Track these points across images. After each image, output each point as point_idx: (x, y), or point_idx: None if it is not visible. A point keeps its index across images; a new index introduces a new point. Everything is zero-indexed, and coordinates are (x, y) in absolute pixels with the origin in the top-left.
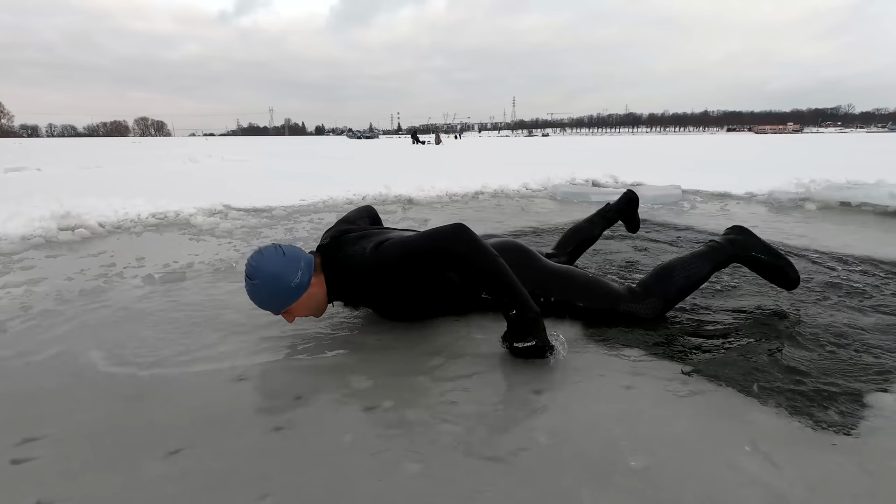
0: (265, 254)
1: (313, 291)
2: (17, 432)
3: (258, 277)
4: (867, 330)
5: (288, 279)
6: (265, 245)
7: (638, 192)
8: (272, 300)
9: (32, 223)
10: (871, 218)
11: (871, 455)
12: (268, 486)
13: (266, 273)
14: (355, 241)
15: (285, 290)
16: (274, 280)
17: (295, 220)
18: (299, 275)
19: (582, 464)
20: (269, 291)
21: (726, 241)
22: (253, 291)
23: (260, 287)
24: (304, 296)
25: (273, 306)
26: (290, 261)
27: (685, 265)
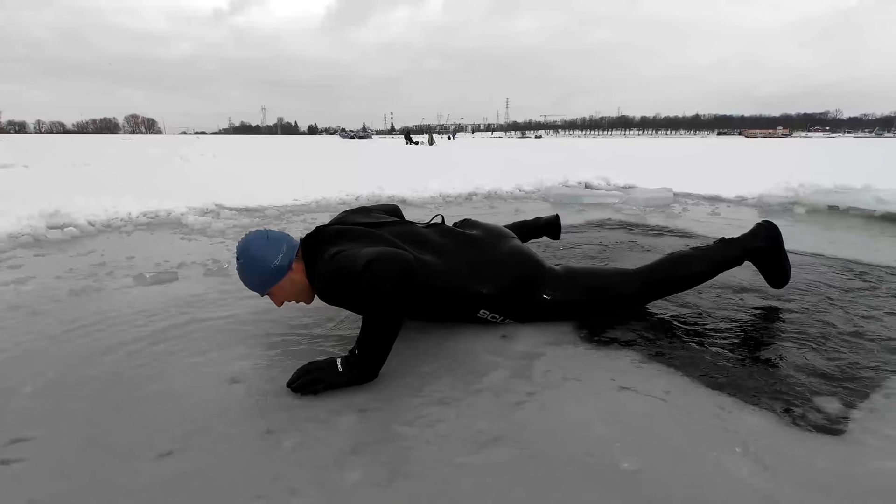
0: (251, 236)
1: (293, 277)
2: (6, 433)
3: (242, 258)
4: (857, 332)
5: (268, 261)
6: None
7: (630, 194)
8: (254, 280)
9: (20, 221)
10: (857, 222)
11: (861, 456)
12: (260, 489)
13: (249, 254)
14: (332, 237)
15: (265, 272)
16: (255, 261)
17: (287, 219)
18: (279, 258)
19: (574, 465)
20: (251, 271)
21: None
22: (239, 271)
23: (244, 266)
24: (284, 279)
25: (256, 286)
26: (273, 243)
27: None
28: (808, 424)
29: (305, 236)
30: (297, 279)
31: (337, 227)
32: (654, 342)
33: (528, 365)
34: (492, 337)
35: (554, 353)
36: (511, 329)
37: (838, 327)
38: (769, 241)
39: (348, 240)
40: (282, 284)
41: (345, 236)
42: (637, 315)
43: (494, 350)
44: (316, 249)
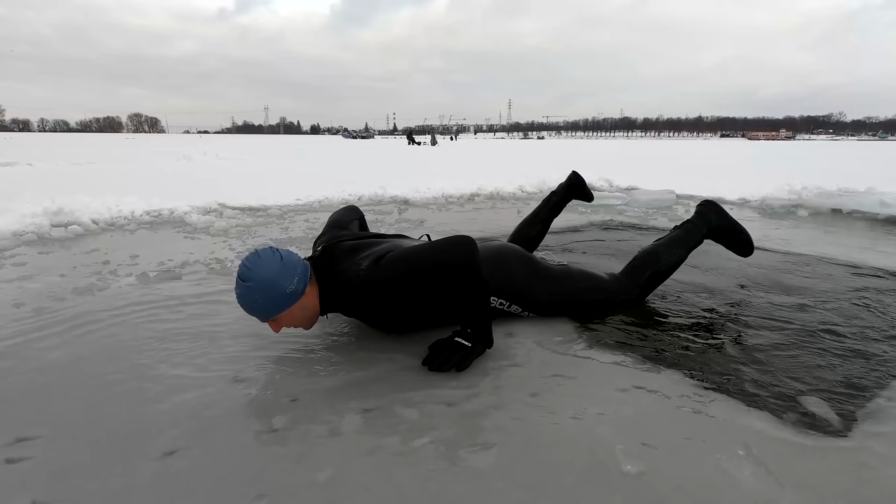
0: (262, 256)
1: (306, 302)
2: (11, 432)
3: (252, 280)
4: (863, 335)
5: (283, 285)
6: (262, 247)
7: (632, 196)
8: (263, 305)
9: (24, 219)
10: (860, 225)
11: (865, 460)
12: (263, 487)
13: (261, 276)
14: (349, 252)
15: (279, 297)
16: (268, 284)
17: (290, 219)
18: (295, 281)
19: (576, 467)
20: (262, 295)
21: (698, 218)
22: (244, 294)
23: (253, 290)
24: (296, 304)
25: (263, 312)
26: (287, 266)
27: (668, 250)
28: (811, 427)
29: (314, 258)
30: (310, 304)
31: (352, 243)
32: (656, 343)
33: (530, 365)
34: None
35: (555, 354)
36: (513, 329)
37: (843, 331)
38: (720, 218)
39: (363, 252)
40: (292, 309)
41: (363, 249)
42: (639, 316)
43: (496, 350)
44: (332, 268)
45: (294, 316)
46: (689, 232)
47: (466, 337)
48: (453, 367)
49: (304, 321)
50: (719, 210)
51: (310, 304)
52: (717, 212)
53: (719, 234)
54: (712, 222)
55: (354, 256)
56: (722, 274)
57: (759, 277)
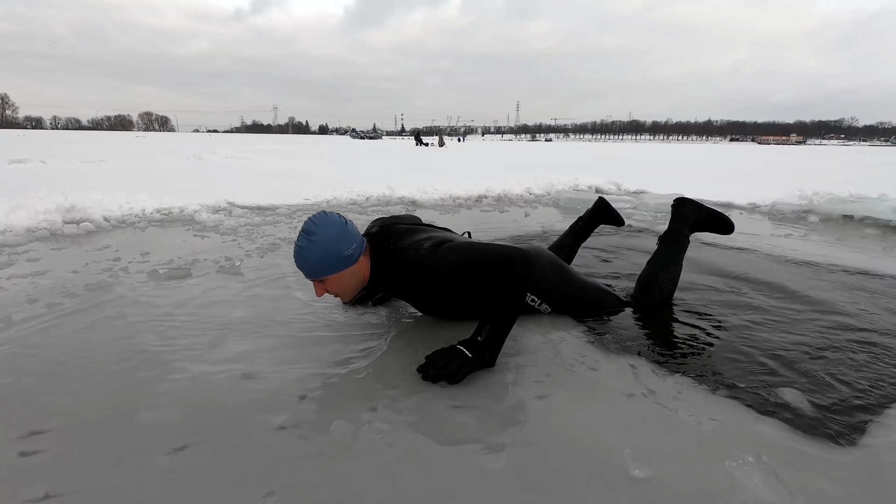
0: (329, 216)
1: (357, 269)
2: (24, 425)
3: (316, 235)
4: (874, 345)
5: (342, 247)
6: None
7: (640, 199)
8: (319, 262)
9: (37, 216)
10: (872, 231)
11: (874, 469)
12: (272, 485)
13: (324, 234)
14: (406, 233)
15: (335, 257)
16: (329, 243)
17: (299, 218)
18: (353, 247)
19: (584, 471)
20: (321, 252)
21: (676, 223)
22: (305, 248)
23: (314, 245)
24: (347, 270)
25: (316, 268)
26: (350, 231)
27: (664, 268)
28: (821, 435)
29: (370, 233)
30: (360, 273)
31: (408, 226)
32: (666, 348)
33: (538, 369)
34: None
35: (564, 358)
36: (520, 332)
37: (856, 339)
38: (697, 212)
39: (420, 234)
40: (342, 274)
41: (420, 233)
42: (646, 322)
43: (504, 354)
44: (388, 244)
45: (342, 281)
46: (676, 244)
47: (471, 346)
48: (445, 379)
49: (349, 289)
50: (693, 205)
51: (360, 273)
52: (691, 208)
53: (700, 226)
54: (690, 220)
55: (412, 237)
56: (730, 279)
57: (770, 284)
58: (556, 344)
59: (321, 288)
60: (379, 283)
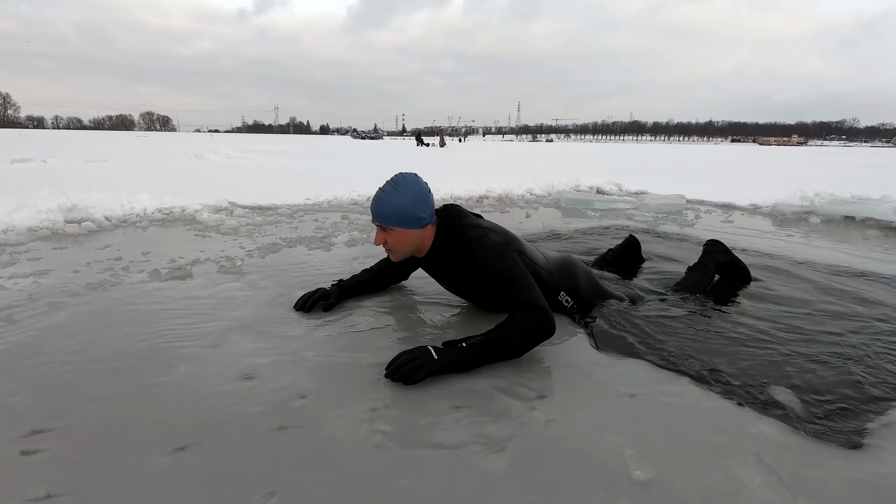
0: (419, 179)
1: (421, 235)
2: (26, 424)
3: (402, 187)
4: (874, 346)
5: (418, 209)
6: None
7: (642, 200)
8: (393, 211)
9: (39, 215)
10: (874, 233)
11: (877, 470)
12: (273, 484)
13: (409, 189)
14: (472, 218)
15: (409, 213)
16: (409, 199)
17: (299, 218)
18: (427, 213)
19: (587, 472)
20: (399, 202)
21: (705, 258)
22: (388, 193)
23: (396, 195)
24: (413, 231)
25: (387, 216)
26: (429, 200)
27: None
28: (823, 436)
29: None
30: (423, 240)
31: (472, 213)
32: (668, 349)
33: (539, 370)
34: None
35: (565, 360)
36: None
37: (859, 342)
38: (725, 254)
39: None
40: (407, 232)
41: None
42: (650, 322)
43: None
44: (454, 221)
45: (405, 238)
46: (701, 273)
47: (443, 349)
48: (401, 380)
49: (405, 249)
50: (722, 248)
51: (422, 240)
52: (721, 249)
53: (722, 268)
54: (718, 259)
55: (479, 223)
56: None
57: (771, 284)
58: (557, 345)
59: (382, 237)
60: (434, 256)
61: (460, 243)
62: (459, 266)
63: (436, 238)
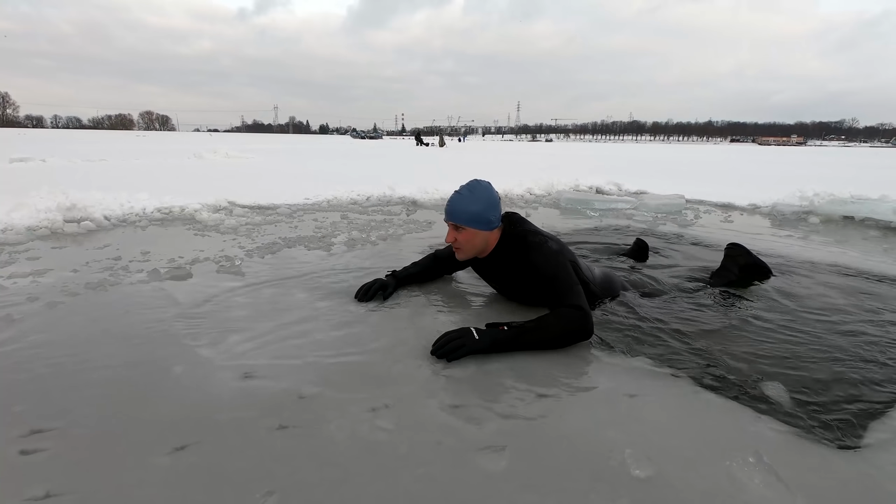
0: (491, 188)
1: (487, 236)
2: (25, 424)
3: (477, 192)
4: (872, 346)
5: (489, 213)
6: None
7: (641, 200)
8: (467, 212)
9: (38, 214)
10: (873, 233)
11: (876, 469)
12: (272, 484)
13: (484, 194)
14: (531, 224)
15: (481, 216)
16: (483, 202)
17: (299, 218)
18: (495, 217)
19: (586, 471)
20: (473, 206)
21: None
22: (465, 195)
23: (472, 199)
24: (482, 232)
25: (462, 215)
26: (498, 207)
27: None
28: (822, 436)
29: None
30: (488, 241)
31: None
32: (668, 348)
33: (539, 370)
34: None
35: (565, 359)
36: None
37: (859, 342)
38: (746, 255)
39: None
40: (477, 232)
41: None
42: (648, 323)
43: (506, 354)
44: (516, 227)
45: (473, 238)
46: (725, 279)
47: (485, 330)
48: (444, 357)
49: (473, 248)
50: (743, 250)
51: (488, 241)
52: (741, 252)
53: (747, 270)
54: (740, 262)
55: (539, 231)
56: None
57: (772, 285)
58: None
59: (453, 235)
60: (493, 257)
61: (521, 245)
62: (515, 267)
63: (499, 241)
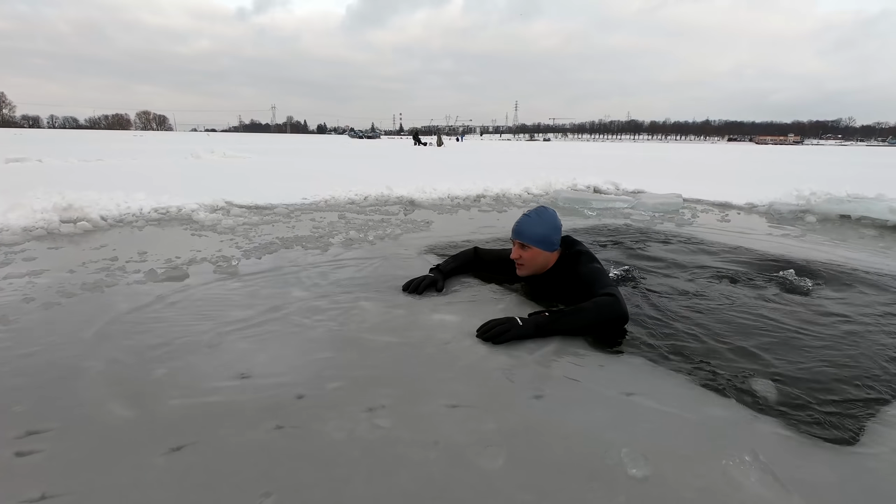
0: (556, 215)
1: (548, 257)
2: (21, 425)
3: (545, 216)
4: (868, 343)
5: (553, 235)
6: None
7: (639, 199)
8: (535, 233)
9: (34, 215)
10: (870, 231)
11: (873, 468)
12: (269, 485)
13: (550, 221)
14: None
15: (546, 237)
16: (549, 226)
17: (296, 218)
18: (556, 242)
19: (582, 470)
20: (540, 228)
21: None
22: (533, 219)
23: (540, 221)
24: (545, 252)
25: (529, 236)
26: (559, 231)
27: None
28: (819, 434)
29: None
30: (549, 260)
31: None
32: (663, 349)
33: (536, 369)
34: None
35: (562, 358)
36: None
37: (859, 342)
38: None
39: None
40: (540, 252)
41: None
42: (646, 321)
43: (502, 352)
44: (572, 248)
45: (537, 256)
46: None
47: (528, 318)
48: (490, 340)
49: (535, 265)
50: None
51: (548, 260)
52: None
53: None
54: None
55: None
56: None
57: (772, 285)
58: (554, 343)
59: (518, 252)
60: (553, 274)
61: (573, 262)
62: (566, 283)
63: (557, 262)
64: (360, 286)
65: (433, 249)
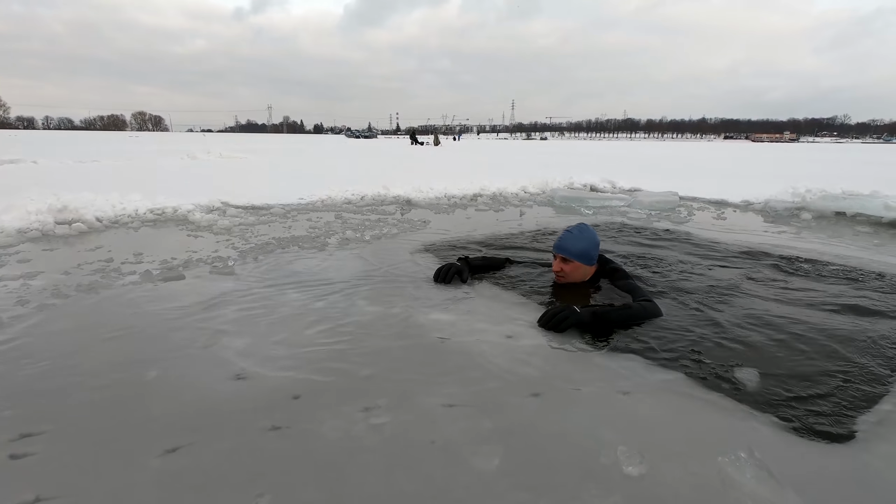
0: (595, 232)
1: (587, 270)
2: (15, 428)
3: (585, 233)
4: (864, 340)
5: (593, 251)
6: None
7: (635, 197)
8: (576, 248)
9: (29, 216)
10: (865, 228)
11: (867, 464)
12: (264, 485)
13: (590, 237)
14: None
15: (586, 252)
16: (588, 242)
17: (293, 218)
18: (594, 255)
19: (579, 468)
20: (581, 244)
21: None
22: (575, 234)
23: (581, 237)
24: (584, 266)
25: (571, 250)
26: (598, 247)
27: None
28: (813, 431)
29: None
30: (587, 273)
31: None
32: (658, 348)
33: (533, 368)
34: (497, 338)
35: (558, 357)
36: (516, 331)
37: (855, 339)
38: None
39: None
40: (580, 266)
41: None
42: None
43: (500, 351)
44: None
45: (577, 269)
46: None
47: (589, 308)
48: (552, 328)
49: (573, 277)
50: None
51: (587, 273)
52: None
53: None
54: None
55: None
56: (730, 279)
57: (768, 284)
58: (551, 343)
59: (559, 265)
60: (587, 286)
61: (610, 277)
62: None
63: (597, 272)
64: (356, 286)
65: (430, 249)
